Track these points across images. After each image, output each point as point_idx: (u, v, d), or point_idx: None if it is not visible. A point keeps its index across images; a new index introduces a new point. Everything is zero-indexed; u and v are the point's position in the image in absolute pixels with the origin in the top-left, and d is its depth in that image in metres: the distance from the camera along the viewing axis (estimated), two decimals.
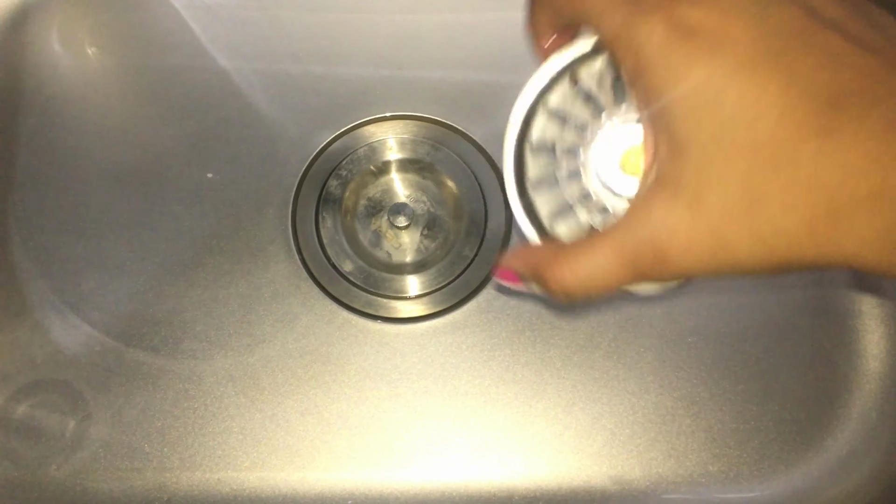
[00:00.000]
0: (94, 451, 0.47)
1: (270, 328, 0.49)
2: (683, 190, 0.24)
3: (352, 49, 0.54)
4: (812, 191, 0.22)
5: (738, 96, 0.22)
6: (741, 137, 0.22)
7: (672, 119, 0.24)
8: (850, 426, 0.48)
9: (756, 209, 0.23)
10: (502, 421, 0.48)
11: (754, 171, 0.22)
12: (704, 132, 0.23)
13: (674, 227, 0.24)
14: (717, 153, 0.23)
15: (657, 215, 0.24)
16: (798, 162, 0.22)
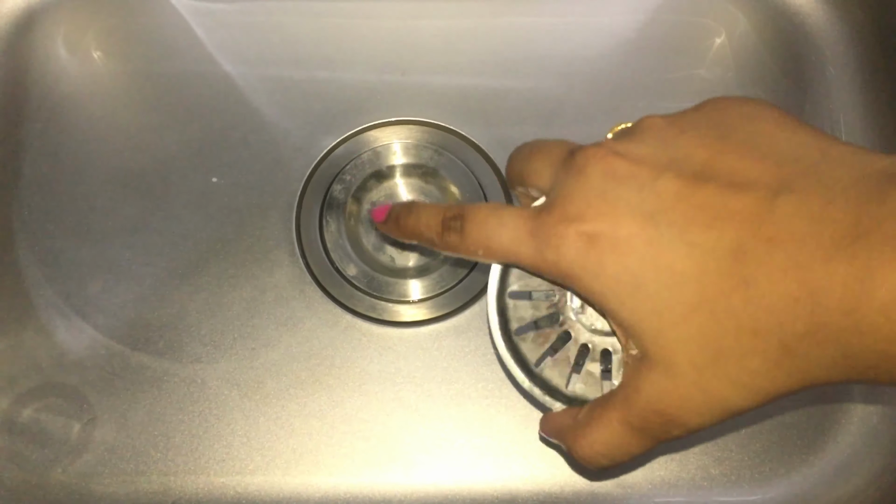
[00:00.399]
0: (99, 454, 0.48)
1: (274, 332, 0.50)
2: (654, 363, 0.26)
3: (355, 55, 0.54)
4: (758, 335, 0.24)
5: (654, 273, 0.25)
6: (676, 304, 0.25)
7: (613, 311, 0.27)
8: (851, 430, 0.48)
9: (722, 360, 0.25)
10: (505, 424, 0.49)
11: (703, 328, 0.24)
12: (643, 311, 0.26)
13: (663, 394, 0.26)
14: (664, 324, 0.25)
15: (645, 388, 0.27)
16: (735, 314, 0.24)
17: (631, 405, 0.27)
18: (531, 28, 0.56)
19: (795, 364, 0.24)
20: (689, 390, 0.25)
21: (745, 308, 0.24)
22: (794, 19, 0.55)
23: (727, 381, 0.25)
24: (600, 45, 0.55)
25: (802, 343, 0.23)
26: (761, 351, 0.24)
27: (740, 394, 0.25)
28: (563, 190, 0.27)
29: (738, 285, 0.24)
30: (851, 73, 0.54)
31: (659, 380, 0.26)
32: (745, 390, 0.25)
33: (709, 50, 0.55)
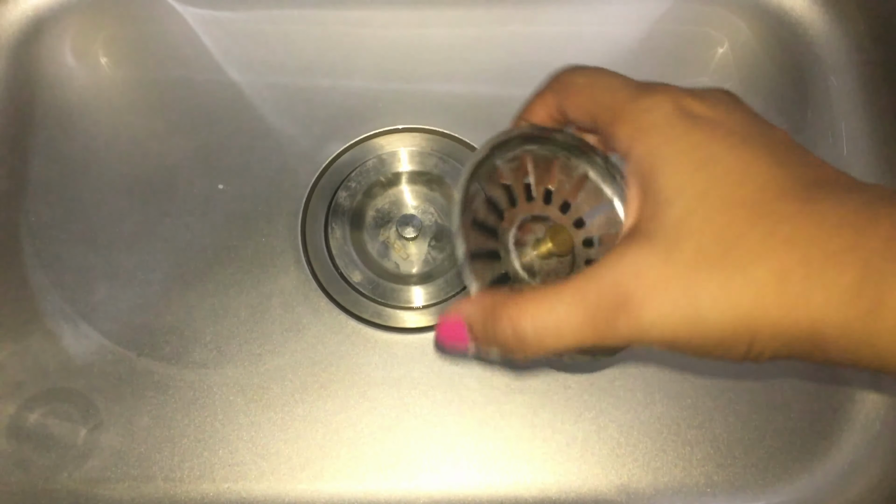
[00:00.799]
0: (105, 459, 0.48)
1: (280, 338, 0.50)
2: (661, 240, 0.24)
3: (361, 63, 0.55)
4: (786, 243, 0.23)
5: (730, 160, 0.24)
6: (727, 194, 0.24)
7: (664, 176, 0.25)
8: (853, 436, 0.49)
9: (728, 258, 0.23)
10: (510, 430, 0.49)
11: (733, 224, 0.24)
12: (693, 188, 0.24)
13: (642, 272, 0.24)
14: (700, 208, 0.24)
15: (627, 261, 0.25)
16: (779, 218, 0.23)
17: (597, 279, 0.25)
18: (535, 37, 0.56)
19: (798, 286, 0.23)
20: (669, 278, 0.24)
21: (793, 217, 0.23)
22: (796, 29, 0.56)
23: (715, 283, 0.23)
24: (604, 53, 0.56)
25: (827, 261, 0.22)
26: (774, 259, 0.23)
27: (717, 302, 0.23)
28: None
29: (802, 200, 0.23)
30: (852, 82, 0.54)
31: (649, 258, 0.24)
32: (726, 299, 0.23)
33: (711, 59, 0.56)
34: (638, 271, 0.24)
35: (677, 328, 0.24)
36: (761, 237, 0.23)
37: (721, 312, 0.23)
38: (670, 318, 0.24)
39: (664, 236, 0.24)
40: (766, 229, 0.23)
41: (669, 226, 0.24)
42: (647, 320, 0.24)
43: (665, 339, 0.24)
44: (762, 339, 0.23)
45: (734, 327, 0.23)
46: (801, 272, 0.22)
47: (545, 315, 0.26)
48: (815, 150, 0.52)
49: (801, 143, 0.26)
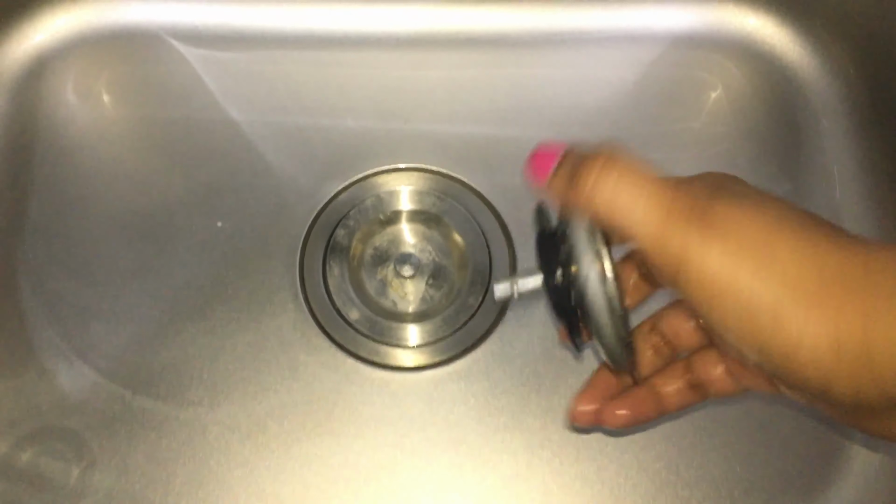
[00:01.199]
0: (98, 499, 0.47)
1: (277, 376, 0.50)
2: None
3: (360, 103, 0.56)
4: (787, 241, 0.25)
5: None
6: (749, 301, 0.25)
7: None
8: (852, 477, 0.49)
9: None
10: (507, 470, 0.48)
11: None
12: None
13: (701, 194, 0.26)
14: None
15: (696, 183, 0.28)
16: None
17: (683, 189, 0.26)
18: (531, 79, 0.57)
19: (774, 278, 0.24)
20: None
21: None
22: (788, 73, 0.57)
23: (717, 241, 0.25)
24: (599, 96, 0.57)
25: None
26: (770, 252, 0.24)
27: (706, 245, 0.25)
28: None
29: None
30: (844, 125, 0.55)
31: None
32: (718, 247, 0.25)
33: (705, 103, 0.57)
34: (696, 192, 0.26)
35: (732, 272, 0.25)
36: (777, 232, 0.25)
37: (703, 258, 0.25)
38: (733, 260, 0.25)
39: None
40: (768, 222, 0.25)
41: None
42: (711, 246, 0.25)
43: (703, 282, 0.25)
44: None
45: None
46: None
47: (631, 186, 0.27)
48: (807, 193, 0.53)
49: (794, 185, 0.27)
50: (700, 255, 0.25)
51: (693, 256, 0.25)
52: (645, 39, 0.58)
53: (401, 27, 0.57)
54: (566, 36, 0.58)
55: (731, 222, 0.25)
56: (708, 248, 0.25)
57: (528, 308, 0.51)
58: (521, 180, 0.54)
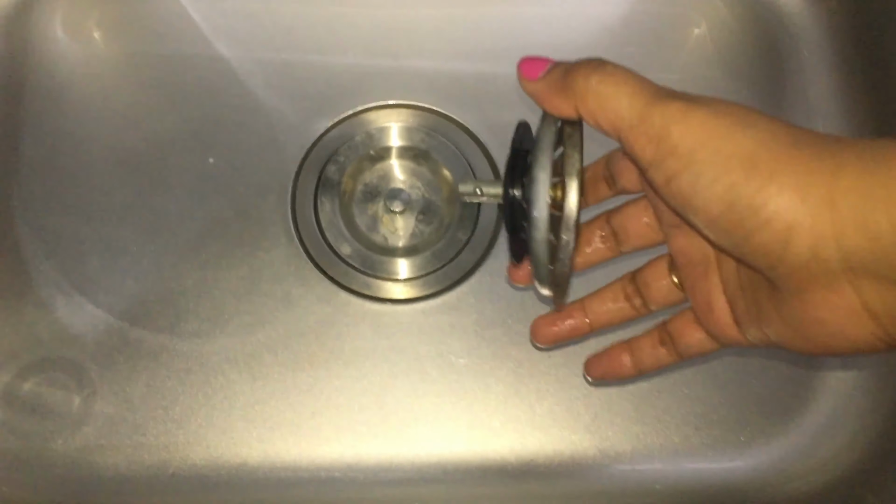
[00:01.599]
0: (100, 426, 0.49)
1: (271, 309, 0.51)
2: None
3: (349, 40, 0.56)
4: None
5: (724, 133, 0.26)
6: (726, 150, 0.26)
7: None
8: (827, 398, 0.51)
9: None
10: (495, 398, 0.50)
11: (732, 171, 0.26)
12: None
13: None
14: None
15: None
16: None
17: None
18: (519, 17, 0.57)
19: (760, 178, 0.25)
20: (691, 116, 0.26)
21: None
22: (772, 8, 0.57)
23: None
24: (585, 33, 0.57)
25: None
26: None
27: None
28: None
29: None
30: (827, 59, 0.56)
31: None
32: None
33: (689, 38, 0.57)
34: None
35: (713, 127, 0.26)
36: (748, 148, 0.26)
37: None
38: (714, 119, 0.26)
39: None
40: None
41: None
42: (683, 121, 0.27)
43: (684, 143, 0.26)
44: (799, 236, 0.25)
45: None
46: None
47: (618, 79, 0.28)
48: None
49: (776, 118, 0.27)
50: (683, 121, 0.27)
51: (675, 125, 0.27)
52: None
53: None
54: None
55: (712, 100, 0.27)
56: (692, 114, 0.27)
57: None
58: (509, 116, 0.54)
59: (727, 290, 0.32)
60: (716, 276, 0.32)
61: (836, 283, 0.25)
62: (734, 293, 0.31)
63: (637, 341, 0.37)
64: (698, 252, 0.33)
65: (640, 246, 0.37)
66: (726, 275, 0.32)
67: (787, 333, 0.28)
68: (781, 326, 0.28)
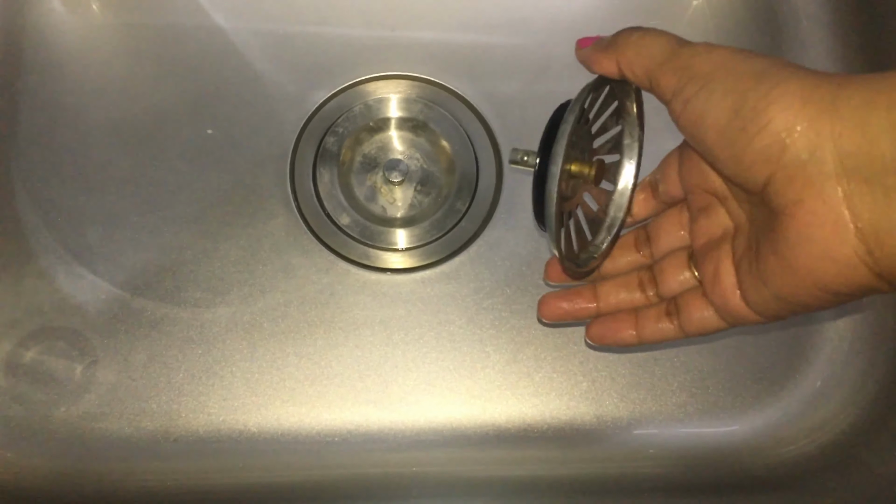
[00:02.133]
0: (102, 394, 0.49)
1: (270, 278, 0.51)
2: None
3: (347, 11, 0.56)
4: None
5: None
6: (740, 68, 0.29)
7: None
8: (820, 364, 0.51)
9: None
10: (493, 366, 0.51)
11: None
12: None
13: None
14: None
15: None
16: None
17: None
18: None
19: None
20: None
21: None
22: None
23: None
24: (583, 4, 0.57)
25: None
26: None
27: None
28: None
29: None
30: (827, 30, 0.56)
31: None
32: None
33: (687, 9, 0.57)
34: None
35: (731, 55, 0.29)
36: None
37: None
38: (734, 51, 0.29)
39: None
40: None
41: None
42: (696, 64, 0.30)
43: (703, 69, 0.29)
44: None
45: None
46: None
47: (654, 35, 0.32)
48: None
49: None
50: (705, 54, 0.30)
51: (698, 56, 0.30)
52: None
53: None
54: None
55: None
56: (714, 50, 0.30)
57: (513, 213, 0.53)
58: (507, 87, 0.55)
59: (735, 255, 0.33)
60: (728, 245, 0.33)
61: (828, 190, 0.26)
62: (741, 256, 0.32)
63: (644, 312, 0.37)
64: (719, 228, 0.35)
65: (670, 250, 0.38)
66: (738, 241, 0.33)
67: (779, 272, 0.29)
68: (775, 263, 0.29)
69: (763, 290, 0.30)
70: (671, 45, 0.31)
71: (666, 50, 0.31)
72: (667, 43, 0.31)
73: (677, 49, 0.31)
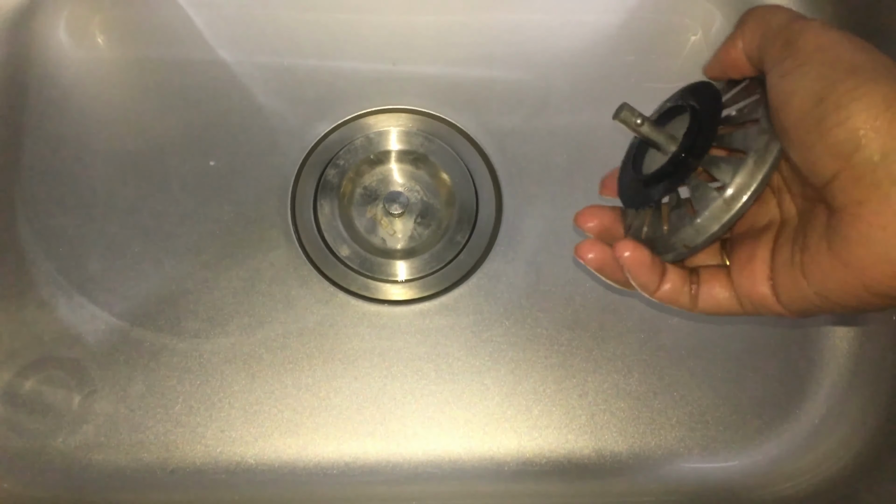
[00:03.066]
0: (100, 424, 0.49)
1: (270, 309, 0.52)
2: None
3: (349, 46, 0.57)
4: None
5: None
6: (838, 56, 0.29)
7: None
8: (820, 400, 0.51)
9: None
10: (492, 399, 0.51)
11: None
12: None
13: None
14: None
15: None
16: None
17: None
18: (518, 23, 0.58)
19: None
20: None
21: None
22: None
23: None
24: (583, 40, 0.58)
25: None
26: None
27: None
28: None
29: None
30: None
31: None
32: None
33: (685, 46, 0.58)
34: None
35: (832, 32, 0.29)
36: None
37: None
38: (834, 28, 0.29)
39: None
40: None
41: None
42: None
43: (806, 48, 0.29)
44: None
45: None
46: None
47: (772, 7, 0.32)
48: None
49: None
50: (814, 31, 0.30)
51: (807, 33, 0.30)
52: None
53: None
54: None
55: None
56: (826, 30, 0.30)
57: (512, 245, 0.53)
58: (506, 121, 0.55)
59: (778, 240, 0.33)
60: (770, 235, 0.33)
61: (894, 195, 0.26)
62: (784, 242, 0.32)
63: (670, 268, 0.35)
64: (765, 217, 0.34)
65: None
66: (783, 234, 0.33)
67: (828, 267, 0.29)
68: (826, 259, 0.29)
69: (801, 283, 0.30)
70: (787, 17, 0.31)
71: (781, 21, 0.31)
72: (784, 15, 0.31)
73: (791, 22, 0.31)
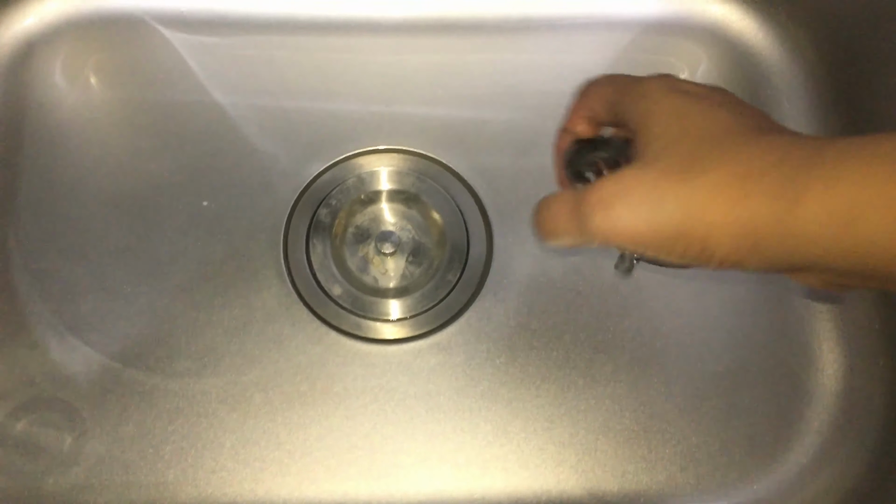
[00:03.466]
0: (91, 466, 0.49)
1: (262, 349, 0.52)
2: (640, 163, 0.30)
3: (342, 87, 0.57)
4: (734, 160, 0.28)
5: (703, 114, 0.31)
6: (697, 133, 0.30)
7: (655, 126, 0.31)
8: (810, 439, 0.51)
9: (688, 171, 0.29)
10: (484, 438, 0.51)
11: (697, 150, 0.29)
12: (672, 130, 0.30)
13: (620, 181, 0.30)
14: (675, 142, 0.30)
15: (611, 178, 0.30)
16: (732, 145, 0.29)
17: (585, 189, 0.31)
18: (508, 64, 0.59)
19: (741, 200, 0.27)
20: (643, 183, 0.29)
21: (746, 147, 0.29)
22: (752, 58, 0.59)
23: (676, 189, 0.28)
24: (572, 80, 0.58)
25: (763, 176, 0.27)
26: (725, 174, 0.28)
27: (678, 202, 0.28)
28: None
29: (757, 132, 0.29)
30: (805, 106, 0.58)
31: (626, 173, 0.30)
32: (684, 201, 0.28)
33: None
34: (617, 181, 0.30)
35: (642, 223, 0.29)
36: (716, 157, 0.29)
37: (678, 209, 0.28)
38: (637, 213, 0.29)
39: (644, 161, 0.30)
40: (720, 153, 0.29)
41: (650, 155, 0.30)
42: (617, 215, 0.29)
43: (631, 232, 0.29)
44: (714, 237, 0.28)
45: (689, 224, 0.28)
46: (742, 180, 0.28)
47: (553, 205, 0.32)
48: None
49: None
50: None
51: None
52: (617, 26, 0.60)
53: (382, 13, 0.59)
54: (541, 22, 0.60)
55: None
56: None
57: (503, 284, 0.54)
58: (497, 161, 0.56)
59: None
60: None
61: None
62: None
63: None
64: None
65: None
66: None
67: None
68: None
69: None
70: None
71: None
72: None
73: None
